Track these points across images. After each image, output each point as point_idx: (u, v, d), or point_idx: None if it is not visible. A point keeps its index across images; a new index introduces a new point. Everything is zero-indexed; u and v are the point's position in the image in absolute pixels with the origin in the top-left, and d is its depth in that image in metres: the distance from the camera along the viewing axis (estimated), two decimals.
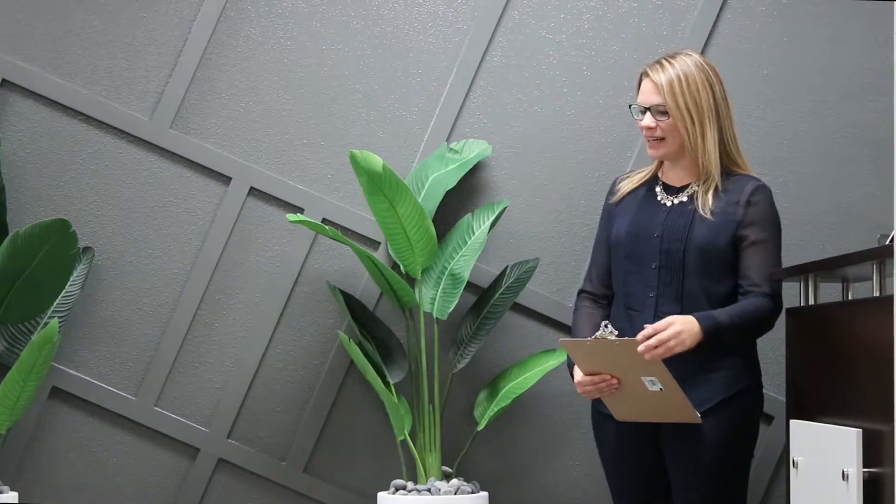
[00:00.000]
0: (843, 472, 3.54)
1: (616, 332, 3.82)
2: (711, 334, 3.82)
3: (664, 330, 3.78)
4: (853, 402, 3.63)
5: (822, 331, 3.91)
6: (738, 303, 3.91)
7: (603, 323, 3.85)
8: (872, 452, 3.46)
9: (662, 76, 3.93)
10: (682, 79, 3.92)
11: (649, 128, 3.95)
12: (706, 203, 3.94)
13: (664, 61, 3.96)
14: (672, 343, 3.78)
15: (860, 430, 3.51)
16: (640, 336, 3.77)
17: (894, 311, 3.20)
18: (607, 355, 3.79)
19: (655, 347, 3.75)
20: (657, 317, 3.90)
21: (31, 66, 4.91)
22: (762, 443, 4.79)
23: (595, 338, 3.80)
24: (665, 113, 3.94)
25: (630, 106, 4.03)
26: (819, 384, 3.91)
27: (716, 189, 3.95)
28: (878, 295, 3.58)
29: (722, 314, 3.86)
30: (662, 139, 3.96)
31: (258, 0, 4.93)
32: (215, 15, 4.91)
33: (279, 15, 4.93)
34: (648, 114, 3.95)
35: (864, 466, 3.49)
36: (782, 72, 4.88)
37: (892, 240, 3.58)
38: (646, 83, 3.97)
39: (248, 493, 4.91)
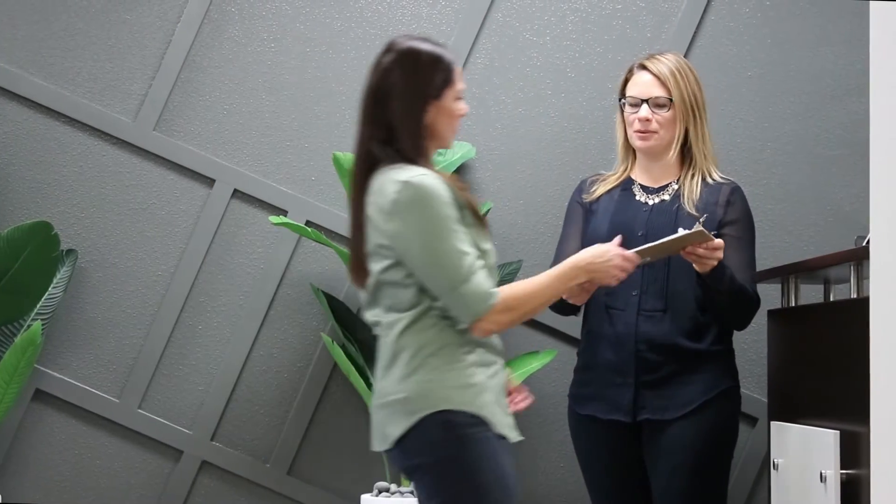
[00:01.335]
0: (821, 473, 3.54)
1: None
2: (720, 269, 3.78)
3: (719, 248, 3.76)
4: (831, 403, 3.63)
5: (802, 332, 3.90)
6: None
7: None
8: (850, 454, 3.46)
9: (664, 68, 3.92)
10: (682, 72, 3.93)
11: (646, 120, 3.93)
12: (692, 193, 3.92)
13: (659, 56, 3.96)
14: (714, 259, 3.75)
15: (838, 432, 3.51)
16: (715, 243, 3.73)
17: (870, 313, 3.20)
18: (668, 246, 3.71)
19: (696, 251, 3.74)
20: (640, 315, 3.89)
21: (15, 68, 4.91)
22: (747, 444, 4.79)
23: (699, 225, 3.77)
24: (663, 106, 3.92)
25: (620, 100, 3.99)
26: (799, 386, 3.90)
27: (703, 180, 3.94)
28: (855, 297, 3.58)
29: (733, 271, 3.84)
30: (655, 132, 3.94)
31: (242, 2, 4.93)
32: (199, 17, 4.91)
33: (263, 17, 4.92)
34: (645, 105, 3.93)
35: (841, 468, 3.49)
36: (766, 74, 4.88)
37: (868, 241, 3.57)
38: (642, 75, 3.94)
39: (232, 495, 4.90)
